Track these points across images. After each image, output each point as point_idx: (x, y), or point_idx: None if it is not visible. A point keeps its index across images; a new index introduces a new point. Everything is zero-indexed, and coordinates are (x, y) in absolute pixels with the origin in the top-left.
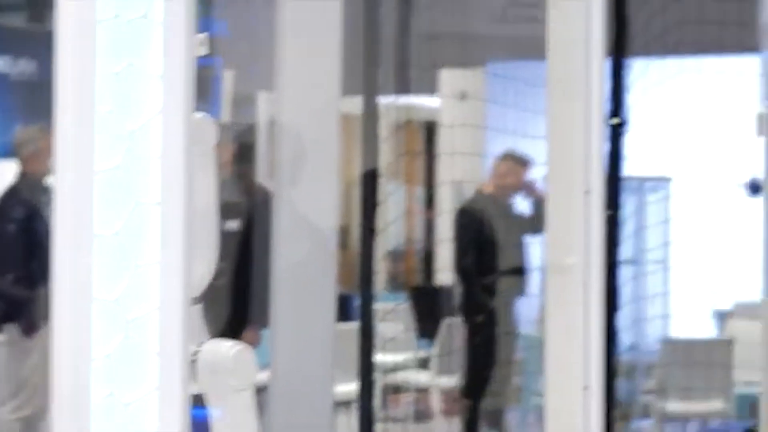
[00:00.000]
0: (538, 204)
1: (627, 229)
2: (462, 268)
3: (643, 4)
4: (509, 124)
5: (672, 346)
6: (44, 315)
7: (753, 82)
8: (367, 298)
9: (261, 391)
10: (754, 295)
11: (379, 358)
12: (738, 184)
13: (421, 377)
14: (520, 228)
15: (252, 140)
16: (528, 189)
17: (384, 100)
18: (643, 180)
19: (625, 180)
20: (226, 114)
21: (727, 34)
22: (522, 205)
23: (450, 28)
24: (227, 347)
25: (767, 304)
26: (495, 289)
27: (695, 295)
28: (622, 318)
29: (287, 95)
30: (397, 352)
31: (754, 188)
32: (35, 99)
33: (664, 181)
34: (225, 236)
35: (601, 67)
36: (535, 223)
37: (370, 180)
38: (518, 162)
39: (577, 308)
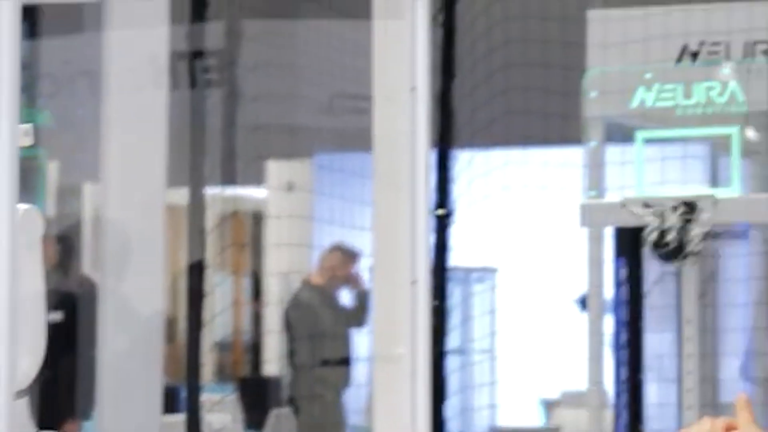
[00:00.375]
0: (362, 296)
1: (454, 319)
2: (291, 359)
3: (468, 96)
4: (336, 215)
5: None
6: None
7: (576, 173)
8: (194, 390)
9: None
10: (580, 384)
11: None
12: (570, 300)
13: None
14: (346, 319)
15: (77, 231)
16: (353, 281)
17: (210, 191)
18: (469, 270)
19: (451, 270)
20: (51, 205)
21: (552, 126)
22: (347, 297)
23: (276, 120)
24: None
25: (593, 392)
26: (324, 379)
27: (522, 384)
28: (450, 408)
29: (113, 186)
30: None
31: (584, 304)
32: None
33: (490, 271)
34: (49, 328)
35: (426, 158)
36: (360, 315)
37: (197, 271)
38: (346, 254)
39: (404, 398)
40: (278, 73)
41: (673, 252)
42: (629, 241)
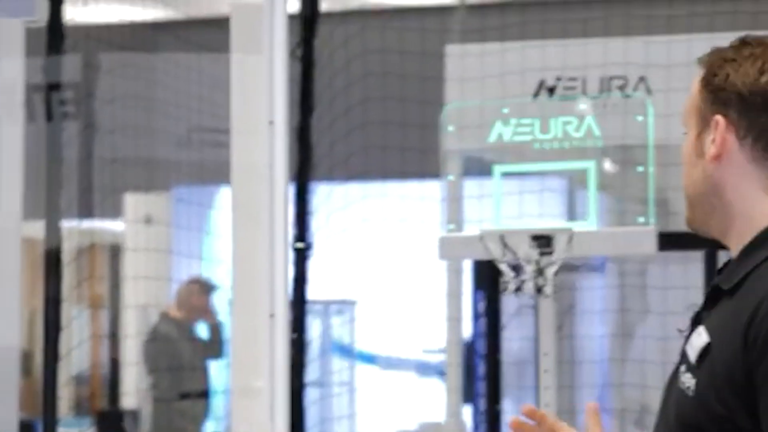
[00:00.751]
0: (216, 329)
1: (313, 352)
2: (150, 392)
3: (327, 129)
4: (194, 248)
5: None
6: None
7: (435, 206)
8: (51, 424)
9: None
10: (438, 416)
11: None
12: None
13: None
14: (204, 351)
15: None
16: (208, 314)
17: (67, 224)
18: (328, 303)
19: (310, 303)
20: None
21: (410, 160)
22: (204, 329)
23: (134, 153)
24: None
25: (451, 424)
26: (183, 412)
27: (380, 416)
28: None
29: None
30: None
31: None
32: None
33: (349, 304)
34: None
35: (285, 191)
36: (216, 347)
37: (53, 304)
38: (203, 286)
39: (263, 431)
40: (136, 106)
41: (530, 285)
42: (487, 274)
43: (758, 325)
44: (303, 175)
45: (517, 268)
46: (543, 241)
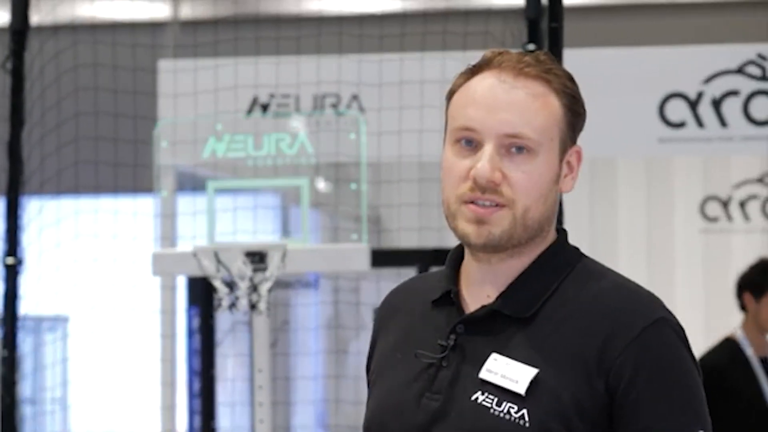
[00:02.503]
0: None
1: (25, 368)
2: None
3: (37, 144)
4: None
5: None
6: None
7: (148, 222)
8: None
9: None
10: None
11: None
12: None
13: None
14: None
15: None
16: None
17: None
18: (40, 319)
19: (22, 319)
20: None
21: (123, 175)
22: None
23: None
24: None
25: None
26: None
27: None
28: None
29: None
30: None
31: None
32: None
33: (62, 320)
34: None
35: None
36: None
37: None
38: None
39: None
40: None
41: (244, 302)
42: (201, 291)
43: (620, 356)
44: (13, 190)
45: (231, 285)
46: (256, 258)
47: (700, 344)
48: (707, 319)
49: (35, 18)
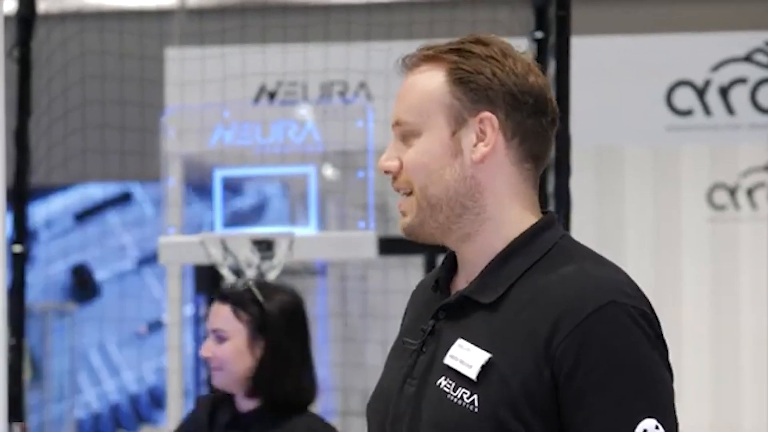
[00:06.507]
0: None
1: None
2: None
3: (45, 132)
4: None
5: None
6: None
7: (156, 210)
8: None
9: None
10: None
11: None
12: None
13: None
14: None
15: None
16: None
17: None
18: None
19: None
20: None
21: (131, 164)
22: None
23: None
24: None
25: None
26: None
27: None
28: None
29: None
30: None
31: None
32: None
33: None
34: None
35: (2, 194)
36: None
37: None
38: None
39: None
40: None
41: None
42: (208, 279)
43: (564, 342)
44: (20, 179)
45: (238, 273)
46: (264, 245)
47: (706, 331)
48: (714, 306)
49: (42, 6)
